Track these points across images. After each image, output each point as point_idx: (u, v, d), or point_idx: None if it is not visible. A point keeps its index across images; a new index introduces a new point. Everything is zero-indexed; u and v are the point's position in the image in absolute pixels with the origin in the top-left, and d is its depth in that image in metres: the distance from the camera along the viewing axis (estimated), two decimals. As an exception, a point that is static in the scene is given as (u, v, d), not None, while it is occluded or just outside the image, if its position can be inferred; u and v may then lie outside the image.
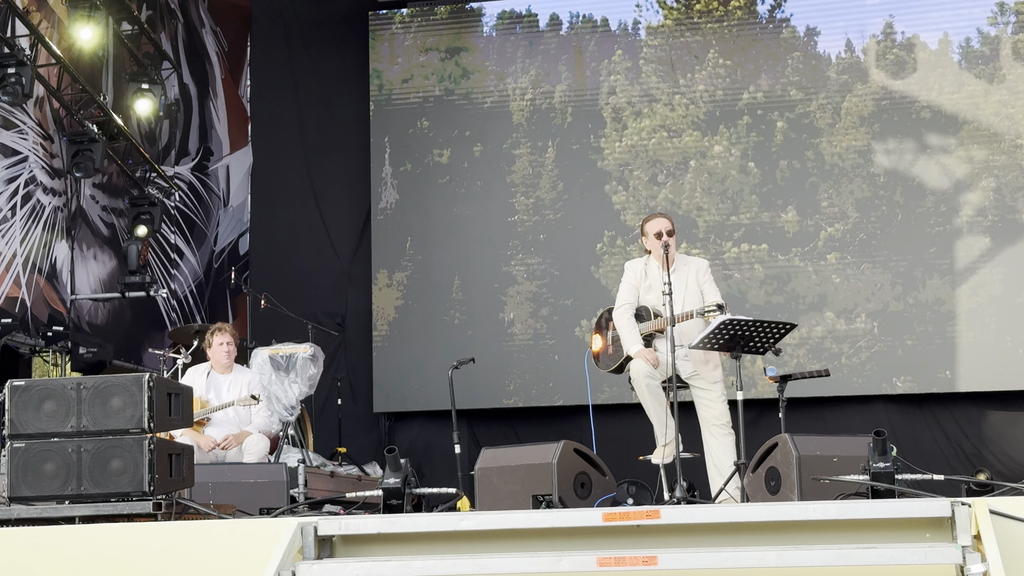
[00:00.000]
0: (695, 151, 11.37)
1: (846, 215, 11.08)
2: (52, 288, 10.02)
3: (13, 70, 8.84)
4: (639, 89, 11.54)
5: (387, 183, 11.89)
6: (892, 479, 5.39)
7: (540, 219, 11.59)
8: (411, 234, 11.78)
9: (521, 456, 6.54)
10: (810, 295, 11.08)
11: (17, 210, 9.58)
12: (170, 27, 12.06)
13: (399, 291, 11.73)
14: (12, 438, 5.62)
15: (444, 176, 11.80)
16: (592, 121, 11.59)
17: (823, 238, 11.08)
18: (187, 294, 12.06)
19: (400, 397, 11.60)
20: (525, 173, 11.66)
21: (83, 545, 5.28)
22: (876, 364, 10.89)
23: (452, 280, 11.66)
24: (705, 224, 11.29)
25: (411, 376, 11.55)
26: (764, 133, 11.28)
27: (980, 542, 4.53)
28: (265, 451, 8.27)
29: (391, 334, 11.68)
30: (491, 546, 5.07)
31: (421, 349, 11.56)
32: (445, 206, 11.78)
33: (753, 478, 6.33)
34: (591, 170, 11.56)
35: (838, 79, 11.23)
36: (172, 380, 7.45)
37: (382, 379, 11.66)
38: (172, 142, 12.06)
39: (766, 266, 11.15)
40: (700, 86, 11.44)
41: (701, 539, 4.95)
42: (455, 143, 11.82)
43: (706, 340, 6.75)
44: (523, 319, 11.49)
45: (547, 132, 11.67)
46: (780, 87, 11.31)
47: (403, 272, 11.75)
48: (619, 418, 10.51)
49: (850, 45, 11.25)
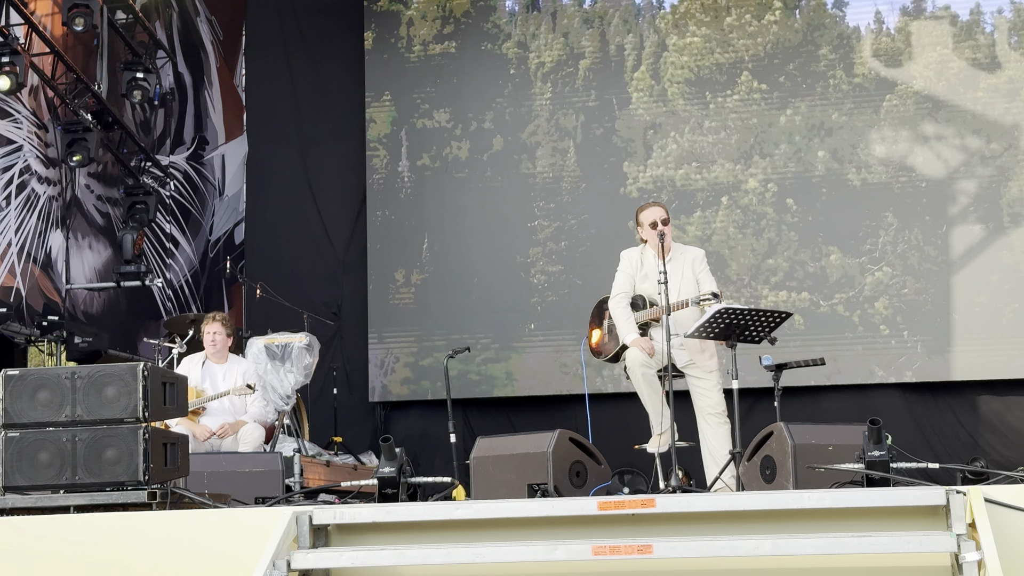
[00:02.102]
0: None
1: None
2: (47, 277, 10.01)
3: (7, 59, 8.82)
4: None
5: (382, 173, 11.87)
6: (887, 467, 5.39)
7: (540, 215, 11.57)
8: (408, 224, 11.76)
9: (516, 445, 6.53)
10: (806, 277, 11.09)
11: (12, 199, 9.56)
12: (165, 16, 12.02)
13: (396, 280, 11.71)
14: (7, 427, 5.62)
15: (439, 166, 11.78)
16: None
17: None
18: (182, 284, 12.05)
19: (396, 386, 11.60)
20: (535, 172, 11.62)
21: (78, 534, 5.27)
22: (872, 353, 10.89)
23: (448, 269, 11.64)
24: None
25: (407, 365, 11.54)
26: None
27: (975, 530, 4.54)
28: (260, 440, 8.27)
29: (387, 323, 11.67)
30: (486, 535, 5.07)
31: (417, 338, 11.56)
32: (440, 195, 11.75)
33: (748, 467, 6.33)
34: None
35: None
36: (167, 369, 7.43)
37: (378, 368, 11.65)
38: (167, 131, 12.04)
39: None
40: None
41: (696, 528, 4.96)
42: (452, 134, 11.80)
43: (701, 329, 6.75)
44: (519, 306, 11.48)
45: (548, 134, 11.66)
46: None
47: (399, 261, 11.72)
48: (615, 407, 10.53)
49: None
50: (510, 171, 11.65)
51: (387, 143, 11.87)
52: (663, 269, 6.78)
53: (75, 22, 9.70)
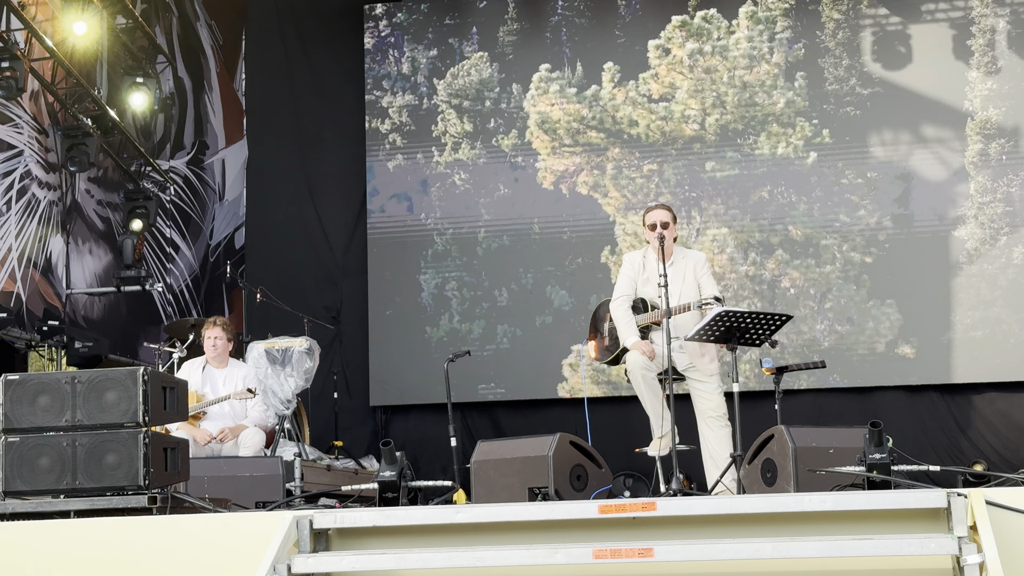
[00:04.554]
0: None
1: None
2: (47, 282, 10.01)
3: (7, 64, 8.81)
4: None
5: (382, 177, 11.87)
6: (888, 470, 5.39)
7: (541, 222, 11.57)
8: (406, 228, 11.76)
9: (517, 449, 6.53)
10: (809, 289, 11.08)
11: (12, 204, 9.56)
12: (165, 21, 12.03)
13: (394, 284, 11.71)
14: (7, 432, 5.61)
15: (440, 170, 11.78)
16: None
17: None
18: (183, 288, 12.04)
19: (396, 390, 11.59)
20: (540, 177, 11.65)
21: (78, 539, 5.27)
22: (873, 355, 10.89)
23: (449, 274, 11.64)
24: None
25: (407, 369, 11.54)
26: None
27: (976, 533, 4.54)
28: (261, 445, 8.27)
29: (387, 328, 11.66)
30: (487, 539, 5.07)
31: (417, 343, 11.55)
32: (442, 201, 11.75)
33: (749, 470, 6.33)
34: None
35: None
36: (167, 374, 7.44)
37: (378, 372, 11.64)
38: (167, 136, 12.04)
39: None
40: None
41: (697, 531, 4.95)
42: (453, 137, 11.79)
43: (702, 332, 6.74)
44: (519, 309, 11.47)
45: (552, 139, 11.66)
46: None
47: (400, 266, 11.72)
48: (615, 410, 10.53)
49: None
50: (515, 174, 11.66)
51: (385, 145, 11.88)
52: (663, 272, 6.78)
53: (75, 27, 9.70)
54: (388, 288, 11.72)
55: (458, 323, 11.55)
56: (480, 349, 11.31)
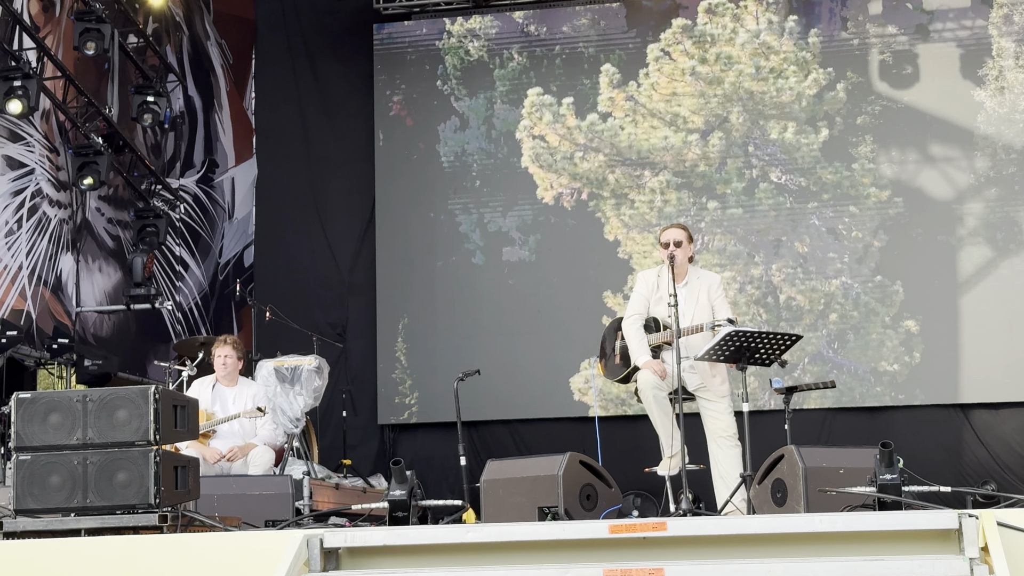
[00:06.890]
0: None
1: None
2: (57, 300, 10.03)
3: (19, 83, 8.85)
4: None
5: (391, 193, 11.90)
6: (899, 491, 5.37)
7: (546, 240, 11.59)
8: (415, 245, 11.78)
9: (526, 468, 6.52)
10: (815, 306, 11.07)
11: (23, 223, 9.59)
12: (175, 40, 12.08)
13: (403, 302, 11.72)
14: (18, 450, 5.62)
15: (449, 187, 11.81)
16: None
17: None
18: (192, 306, 12.06)
19: (404, 408, 11.59)
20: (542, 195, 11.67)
21: (89, 558, 5.27)
22: (883, 374, 10.87)
23: (457, 292, 11.66)
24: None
25: (415, 387, 11.54)
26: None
27: (988, 554, 4.52)
28: (270, 463, 8.27)
29: (396, 345, 11.67)
30: (497, 558, 5.06)
31: (425, 361, 11.56)
32: (449, 218, 11.78)
33: (759, 490, 6.31)
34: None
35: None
36: (178, 392, 7.44)
37: (386, 390, 11.64)
38: (177, 154, 12.08)
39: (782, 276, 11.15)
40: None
41: (707, 551, 4.94)
42: (459, 155, 11.83)
43: (712, 351, 6.74)
44: (528, 328, 11.47)
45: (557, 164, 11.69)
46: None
47: (407, 284, 11.74)
48: (624, 429, 10.52)
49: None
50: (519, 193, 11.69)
51: (394, 162, 11.92)
52: (672, 292, 6.78)
53: (86, 46, 9.75)
54: (396, 305, 11.73)
55: (467, 341, 11.55)
56: (489, 367, 11.29)
